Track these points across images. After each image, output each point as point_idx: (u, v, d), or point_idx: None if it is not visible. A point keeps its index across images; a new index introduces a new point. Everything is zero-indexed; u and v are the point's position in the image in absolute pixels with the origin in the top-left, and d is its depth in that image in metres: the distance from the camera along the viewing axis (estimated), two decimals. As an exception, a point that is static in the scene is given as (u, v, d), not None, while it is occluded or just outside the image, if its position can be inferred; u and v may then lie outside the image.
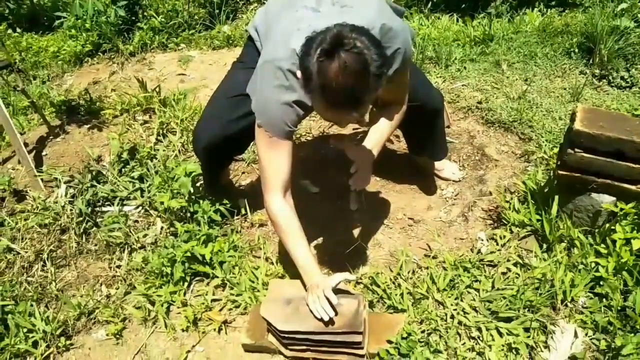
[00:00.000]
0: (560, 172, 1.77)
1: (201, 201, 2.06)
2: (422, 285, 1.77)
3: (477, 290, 1.74)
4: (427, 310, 1.67)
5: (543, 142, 2.39)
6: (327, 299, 1.46)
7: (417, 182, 2.33)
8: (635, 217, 1.67)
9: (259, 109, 1.50)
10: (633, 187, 1.69)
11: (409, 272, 1.85)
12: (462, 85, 2.89)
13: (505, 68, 2.98)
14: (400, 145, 2.57)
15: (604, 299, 1.65)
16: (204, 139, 1.83)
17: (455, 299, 1.71)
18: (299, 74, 1.31)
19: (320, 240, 2.08)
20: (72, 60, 3.81)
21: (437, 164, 2.31)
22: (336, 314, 1.47)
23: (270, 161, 1.51)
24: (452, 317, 1.65)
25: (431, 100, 1.96)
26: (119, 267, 2.03)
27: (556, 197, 1.83)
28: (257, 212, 2.18)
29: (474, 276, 1.79)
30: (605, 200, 1.73)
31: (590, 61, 2.90)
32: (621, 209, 1.69)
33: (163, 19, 4.02)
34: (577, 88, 2.71)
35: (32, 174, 2.30)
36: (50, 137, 2.64)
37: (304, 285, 1.57)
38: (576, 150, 1.69)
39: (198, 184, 2.16)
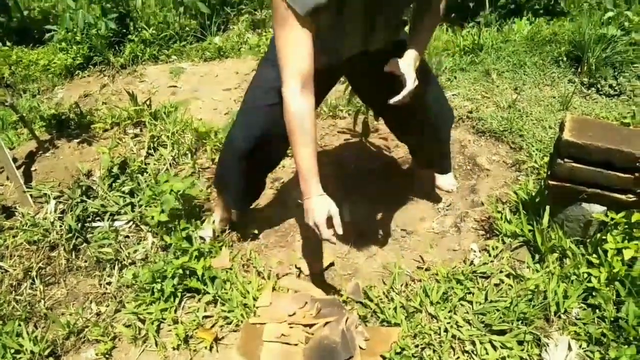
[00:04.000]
0: (551, 182, 1.77)
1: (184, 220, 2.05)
2: (415, 299, 1.76)
3: (470, 302, 1.73)
4: (420, 324, 1.66)
5: (534, 151, 2.40)
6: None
7: (410, 192, 2.33)
8: (626, 226, 1.68)
9: None
10: (623, 197, 1.69)
11: (402, 285, 1.84)
12: (453, 95, 2.90)
13: (494, 77, 2.99)
14: (394, 155, 2.57)
15: (597, 310, 1.65)
16: (242, 140, 1.71)
17: (449, 312, 1.70)
18: None
19: (310, 252, 2.07)
20: (63, 74, 3.80)
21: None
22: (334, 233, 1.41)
23: (287, 43, 1.35)
24: (446, 330, 1.64)
25: (442, 117, 1.95)
26: (109, 284, 2.00)
27: (547, 208, 1.84)
28: (249, 226, 2.16)
29: (467, 288, 1.78)
30: (596, 210, 1.73)
31: (579, 69, 2.93)
32: (612, 219, 1.69)
33: (154, 31, 4.01)
34: (566, 96, 2.73)
35: (21, 190, 2.28)
36: (40, 152, 2.61)
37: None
38: (566, 160, 1.70)
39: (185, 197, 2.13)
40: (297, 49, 1.35)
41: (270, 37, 1.71)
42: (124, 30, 4.07)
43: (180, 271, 1.83)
